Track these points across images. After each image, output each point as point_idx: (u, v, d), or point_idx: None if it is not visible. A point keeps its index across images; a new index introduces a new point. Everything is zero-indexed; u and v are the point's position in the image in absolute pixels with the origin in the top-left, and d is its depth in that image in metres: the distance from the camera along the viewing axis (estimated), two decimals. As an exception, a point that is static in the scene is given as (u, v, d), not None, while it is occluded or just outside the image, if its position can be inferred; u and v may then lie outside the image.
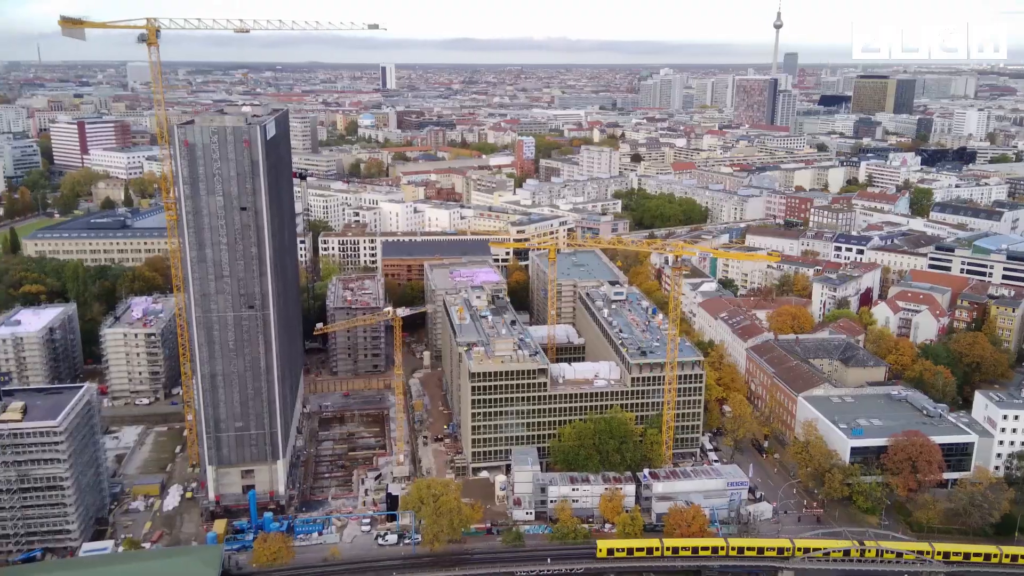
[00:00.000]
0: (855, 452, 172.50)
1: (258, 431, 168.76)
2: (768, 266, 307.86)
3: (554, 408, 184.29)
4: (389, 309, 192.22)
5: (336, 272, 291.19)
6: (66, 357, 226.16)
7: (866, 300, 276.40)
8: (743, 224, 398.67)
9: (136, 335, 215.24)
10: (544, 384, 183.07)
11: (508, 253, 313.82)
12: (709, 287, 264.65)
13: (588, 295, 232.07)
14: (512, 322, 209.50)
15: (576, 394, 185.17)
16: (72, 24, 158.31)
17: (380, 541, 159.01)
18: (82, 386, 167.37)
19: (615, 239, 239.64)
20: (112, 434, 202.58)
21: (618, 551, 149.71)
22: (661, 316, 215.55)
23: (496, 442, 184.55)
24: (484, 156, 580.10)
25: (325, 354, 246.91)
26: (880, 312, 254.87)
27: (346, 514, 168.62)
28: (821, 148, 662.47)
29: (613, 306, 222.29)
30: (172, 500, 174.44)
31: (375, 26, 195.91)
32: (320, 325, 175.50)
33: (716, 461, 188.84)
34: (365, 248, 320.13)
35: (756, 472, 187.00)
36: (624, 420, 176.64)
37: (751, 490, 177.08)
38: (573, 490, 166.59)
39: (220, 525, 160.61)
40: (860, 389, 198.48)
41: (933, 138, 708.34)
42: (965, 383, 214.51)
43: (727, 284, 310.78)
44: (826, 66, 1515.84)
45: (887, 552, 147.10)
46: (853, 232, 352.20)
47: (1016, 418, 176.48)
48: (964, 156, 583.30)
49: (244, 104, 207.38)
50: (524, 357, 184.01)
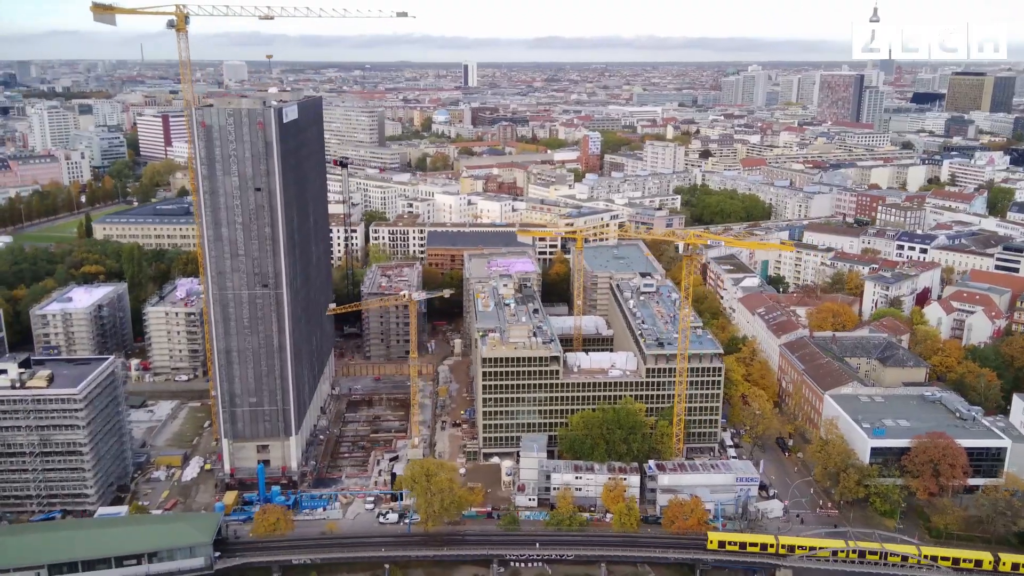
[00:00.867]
0: (875, 452, 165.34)
1: (271, 407, 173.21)
2: (822, 263, 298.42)
3: (566, 396, 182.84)
4: (405, 293, 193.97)
5: (384, 260, 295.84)
6: (114, 333, 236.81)
7: (923, 300, 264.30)
8: (807, 221, 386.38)
9: (177, 314, 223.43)
10: (556, 372, 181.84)
11: (554, 245, 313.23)
12: (751, 282, 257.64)
13: (618, 286, 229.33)
14: (535, 311, 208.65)
15: (589, 383, 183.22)
16: (103, 10, 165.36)
17: (381, 519, 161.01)
18: (107, 358, 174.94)
19: (628, 227, 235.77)
20: (148, 407, 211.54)
21: (730, 544, 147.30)
22: (689, 309, 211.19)
23: (508, 428, 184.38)
24: (550, 151, 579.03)
25: (361, 339, 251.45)
26: (932, 312, 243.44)
27: (353, 492, 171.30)
28: (907, 146, 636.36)
29: (641, 298, 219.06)
30: (192, 471, 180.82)
31: (403, 14, 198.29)
32: (332, 306, 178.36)
33: (735, 457, 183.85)
34: (414, 238, 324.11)
35: (777, 470, 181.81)
36: (633, 411, 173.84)
37: (764, 487, 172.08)
38: (577, 478, 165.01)
39: (230, 496, 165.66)
40: (893, 389, 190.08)
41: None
42: (1016, 388, 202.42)
43: (777, 281, 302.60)
44: (926, 63, 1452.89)
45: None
46: (919, 231, 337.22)
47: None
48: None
49: (275, 88, 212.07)
50: (537, 344, 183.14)
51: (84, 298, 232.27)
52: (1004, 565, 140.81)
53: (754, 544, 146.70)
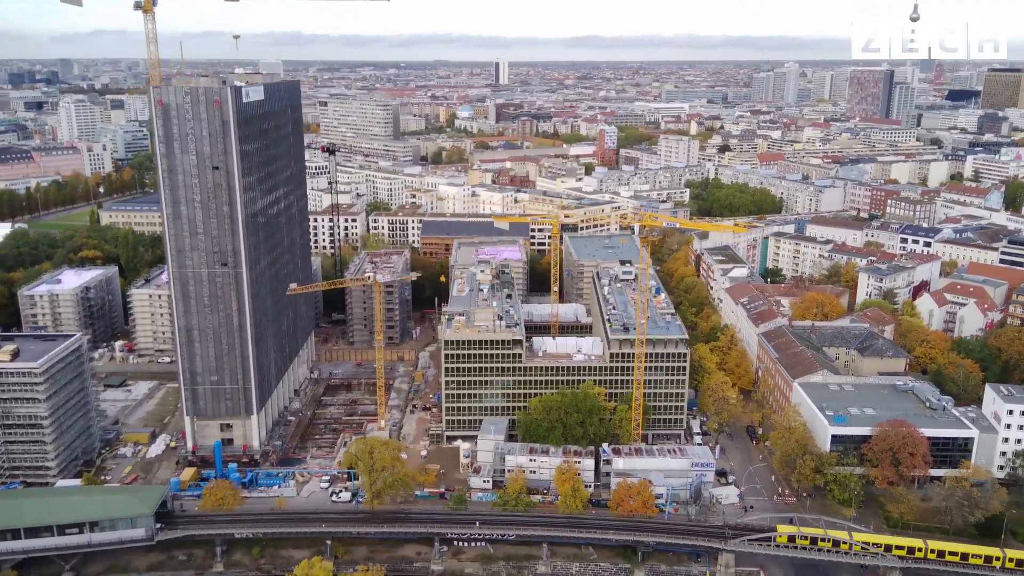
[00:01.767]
0: (836, 440, 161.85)
1: (233, 386, 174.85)
2: (820, 255, 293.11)
3: (529, 380, 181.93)
4: (370, 275, 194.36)
5: (380, 248, 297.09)
6: (102, 316, 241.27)
7: (920, 293, 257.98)
8: (816, 215, 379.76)
9: (160, 296, 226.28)
10: (519, 356, 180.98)
11: (550, 236, 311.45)
12: (739, 272, 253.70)
13: (598, 274, 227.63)
14: (508, 296, 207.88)
15: (552, 367, 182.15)
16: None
17: (334, 498, 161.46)
18: (72, 336, 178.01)
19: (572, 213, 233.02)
20: (127, 387, 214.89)
21: (800, 539, 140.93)
22: (664, 296, 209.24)
23: (470, 411, 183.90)
24: (566, 146, 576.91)
25: (346, 325, 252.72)
26: (924, 304, 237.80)
27: (310, 471, 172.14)
28: (935, 143, 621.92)
29: (619, 285, 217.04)
30: (157, 448, 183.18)
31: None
32: (293, 286, 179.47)
33: (700, 445, 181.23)
34: (413, 227, 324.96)
35: (742, 458, 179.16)
36: (592, 395, 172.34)
37: (722, 474, 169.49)
38: (531, 460, 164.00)
39: (188, 473, 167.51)
40: (864, 378, 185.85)
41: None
42: (1002, 381, 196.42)
43: (774, 273, 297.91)
44: (968, 61, 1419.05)
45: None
46: (926, 225, 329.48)
47: (1023, 414, 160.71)
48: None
49: (241, 70, 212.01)
50: (501, 328, 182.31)
51: (73, 280, 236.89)
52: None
53: (825, 539, 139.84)
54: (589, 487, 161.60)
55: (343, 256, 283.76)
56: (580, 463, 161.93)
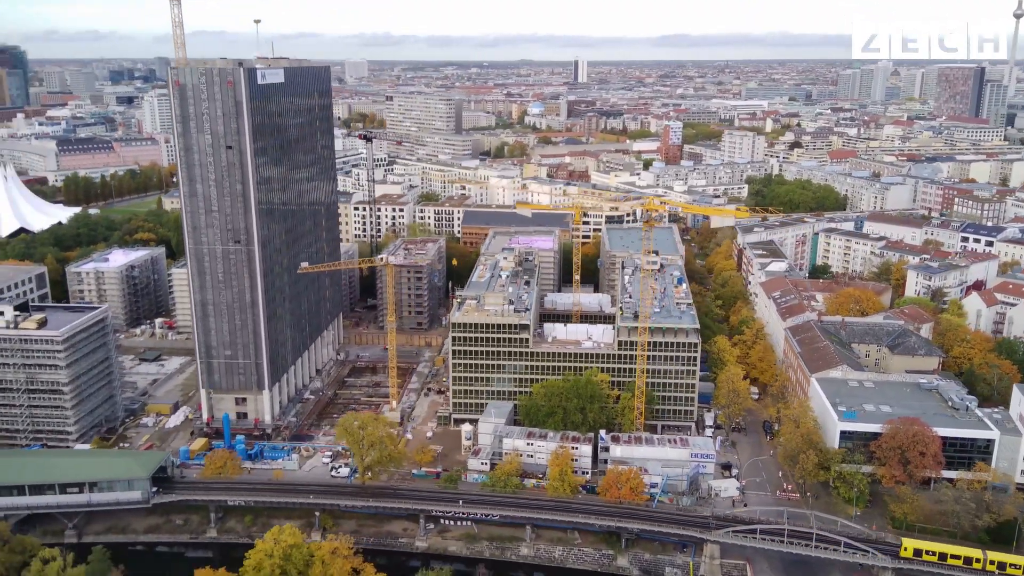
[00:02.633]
0: (845, 436, 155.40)
1: (245, 361, 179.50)
2: (872, 252, 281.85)
3: (535, 366, 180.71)
4: (382, 257, 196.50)
5: (422, 236, 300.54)
6: (146, 294, 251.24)
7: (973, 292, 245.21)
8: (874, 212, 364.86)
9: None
10: (526, 340, 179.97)
11: (598, 228, 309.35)
12: (777, 267, 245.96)
13: (623, 264, 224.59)
14: (526, 283, 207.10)
15: (559, 353, 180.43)
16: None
17: (333, 473, 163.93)
18: (98, 307, 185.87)
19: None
20: (160, 361, 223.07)
21: (927, 554, 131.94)
22: (684, 286, 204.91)
23: (478, 395, 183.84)
24: (629, 141, 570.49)
25: (377, 310, 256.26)
26: (972, 303, 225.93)
27: (315, 446, 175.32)
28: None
29: (641, 275, 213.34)
30: (177, 419, 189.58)
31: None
32: (304, 264, 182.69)
33: (711, 437, 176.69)
34: (457, 217, 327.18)
35: (753, 452, 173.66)
36: (594, 382, 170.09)
37: (727, 467, 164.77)
38: (528, 444, 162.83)
39: (198, 443, 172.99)
40: (888, 376, 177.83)
41: None
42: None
43: (823, 270, 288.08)
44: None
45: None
46: (991, 224, 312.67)
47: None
48: None
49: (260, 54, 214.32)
50: (509, 312, 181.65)
51: (119, 259, 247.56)
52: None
53: (956, 556, 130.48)
54: (586, 473, 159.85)
55: (383, 243, 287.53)
56: (577, 449, 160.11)
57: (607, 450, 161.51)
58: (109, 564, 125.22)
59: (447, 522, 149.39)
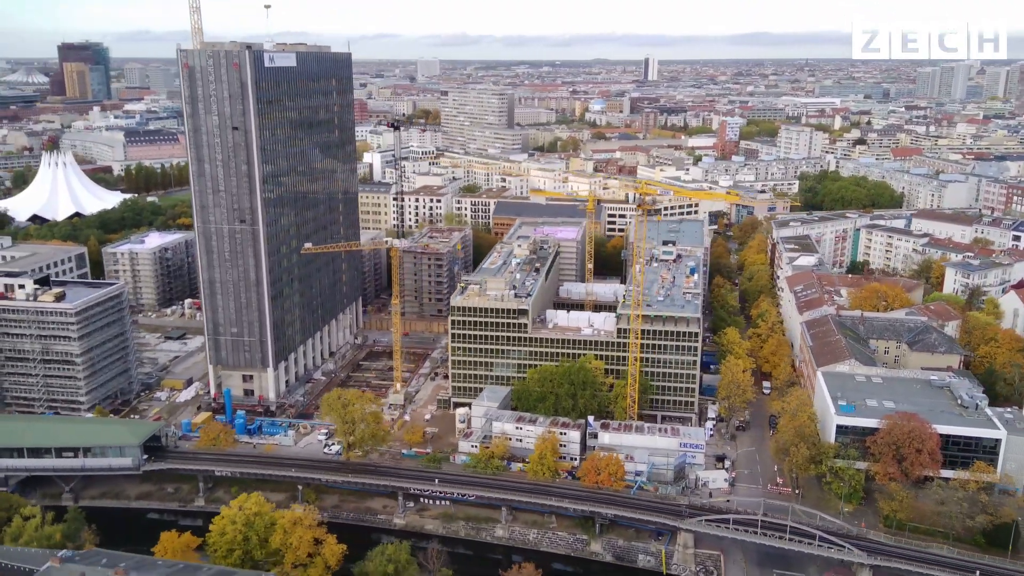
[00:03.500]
0: (841, 431, 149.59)
1: (250, 338, 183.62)
2: (914, 249, 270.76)
3: (533, 351, 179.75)
4: (387, 240, 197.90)
5: (453, 225, 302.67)
6: (179, 275, 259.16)
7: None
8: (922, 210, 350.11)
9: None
10: (524, 326, 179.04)
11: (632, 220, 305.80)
12: (806, 261, 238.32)
13: (638, 254, 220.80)
14: (536, 269, 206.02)
15: (557, 339, 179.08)
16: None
17: (326, 450, 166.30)
18: (114, 283, 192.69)
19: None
20: (184, 340, 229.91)
21: None
22: (696, 276, 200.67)
23: (476, 379, 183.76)
24: (684, 137, 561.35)
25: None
26: (1008, 302, 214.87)
27: (312, 424, 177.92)
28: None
29: (655, 264, 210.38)
30: (188, 394, 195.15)
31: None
32: (308, 245, 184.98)
33: (711, 429, 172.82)
34: (492, 208, 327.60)
35: (752, 445, 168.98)
36: (588, 369, 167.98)
37: (721, 458, 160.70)
38: (517, 428, 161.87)
39: (201, 416, 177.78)
40: (899, 371, 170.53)
41: None
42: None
43: (860, 266, 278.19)
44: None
45: None
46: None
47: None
48: None
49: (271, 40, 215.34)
50: (509, 297, 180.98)
51: (155, 241, 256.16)
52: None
53: None
54: (574, 459, 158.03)
55: (411, 233, 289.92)
56: (565, 434, 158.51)
57: (594, 436, 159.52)
58: (83, 523, 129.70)
59: (427, 501, 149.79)
